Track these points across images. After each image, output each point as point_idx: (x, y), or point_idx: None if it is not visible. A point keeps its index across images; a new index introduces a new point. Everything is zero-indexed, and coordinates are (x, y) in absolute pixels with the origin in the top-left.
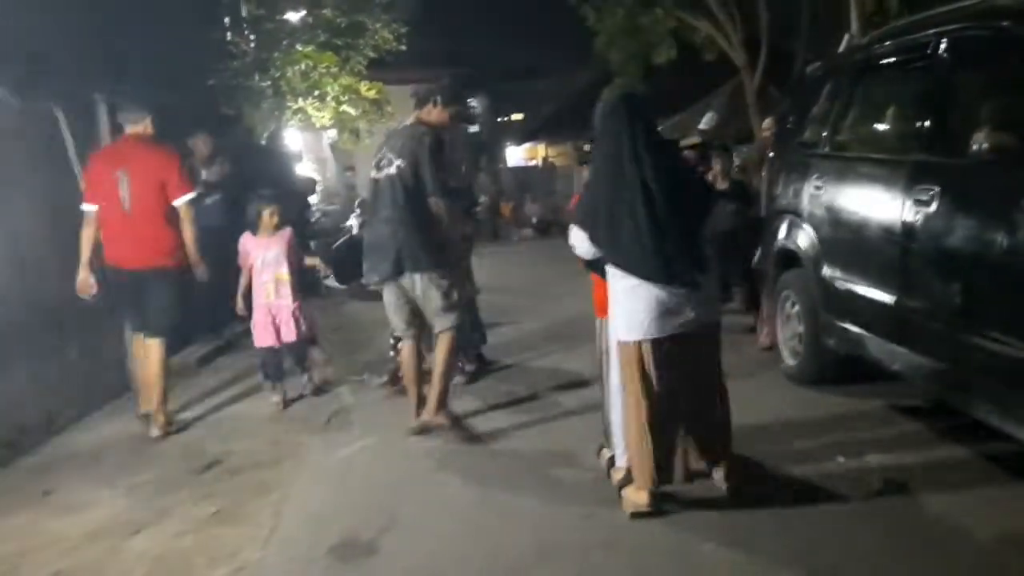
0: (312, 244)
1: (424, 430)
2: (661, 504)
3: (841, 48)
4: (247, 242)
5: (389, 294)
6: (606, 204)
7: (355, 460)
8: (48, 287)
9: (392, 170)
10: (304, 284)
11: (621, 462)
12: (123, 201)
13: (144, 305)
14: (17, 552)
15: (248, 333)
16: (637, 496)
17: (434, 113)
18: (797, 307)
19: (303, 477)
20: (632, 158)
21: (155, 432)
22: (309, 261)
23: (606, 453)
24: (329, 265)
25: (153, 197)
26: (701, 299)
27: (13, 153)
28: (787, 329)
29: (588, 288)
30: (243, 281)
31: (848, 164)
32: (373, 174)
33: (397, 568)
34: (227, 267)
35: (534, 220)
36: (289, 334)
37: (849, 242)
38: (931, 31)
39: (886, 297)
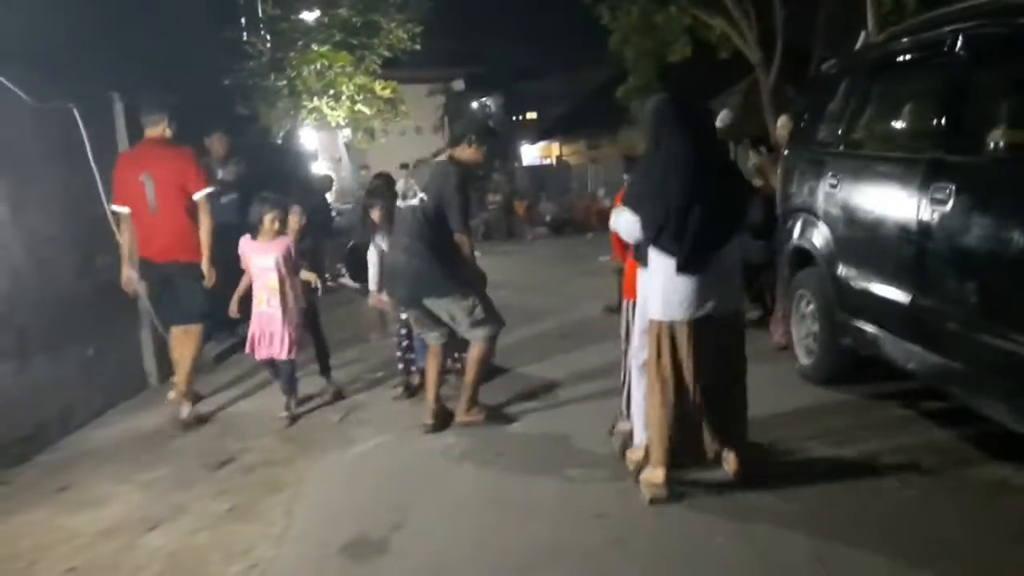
0: (328, 243)
1: (437, 429)
2: (676, 488)
3: (857, 46)
4: (245, 245)
5: (413, 312)
6: (662, 197)
7: (368, 458)
8: (66, 285)
9: (415, 201)
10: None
11: (640, 439)
12: (150, 202)
13: (177, 297)
14: (33, 548)
15: None
16: (654, 476)
17: (468, 152)
18: (812, 306)
19: (316, 475)
20: (694, 159)
21: (183, 413)
22: (305, 276)
23: (623, 427)
24: (343, 265)
25: (175, 197)
26: (729, 288)
27: (30, 152)
28: (802, 328)
29: (602, 287)
30: (243, 283)
31: (863, 162)
32: (399, 202)
33: (408, 566)
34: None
35: (548, 219)
36: (277, 350)
37: (864, 241)
38: (947, 28)
39: (901, 296)
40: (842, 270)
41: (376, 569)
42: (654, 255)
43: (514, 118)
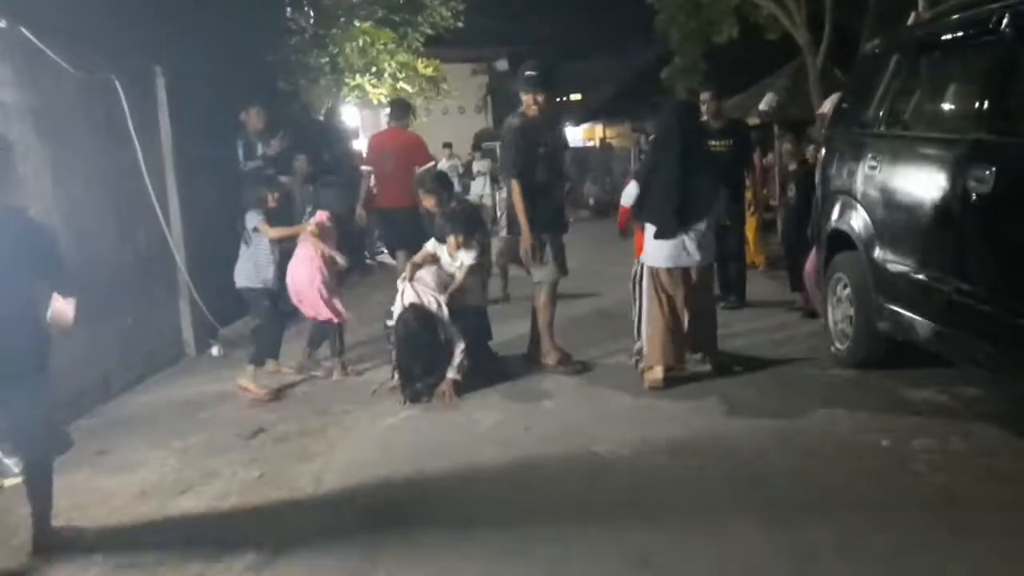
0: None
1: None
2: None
3: (908, 24)
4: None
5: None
6: (656, 182)
7: (398, 430)
8: (106, 255)
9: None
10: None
11: (646, 353)
12: (386, 167)
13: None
14: (71, 507)
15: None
16: (654, 373)
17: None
18: (848, 289)
19: (346, 445)
20: (679, 155)
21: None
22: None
23: (637, 347)
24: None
25: (404, 165)
26: (703, 249)
27: (72, 123)
28: (837, 311)
29: None
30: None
31: (904, 143)
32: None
33: (431, 536)
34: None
35: (591, 202)
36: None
37: (903, 224)
38: (994, 6)
39: (940, 280)
40: (880, 253)
41: (399, 538)
42: (648, 223)
43: (558, 99)
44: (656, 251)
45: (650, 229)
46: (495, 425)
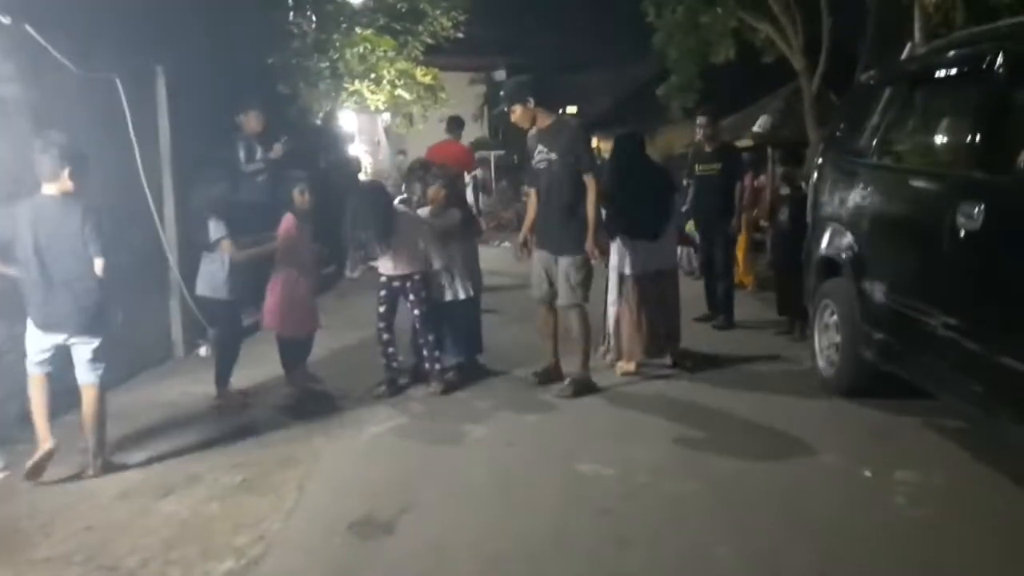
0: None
1: (547, 379)
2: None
3: (903, 57)
4: (292, 223)
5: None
6: (618, 196)
7: (383, 439)
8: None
9: (543, 164)
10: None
11: (612, 352)
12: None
13: None
14: (53, 506)
15: None
16: (628, 366)
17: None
18: (835, 316)
19: (331, 452)
20: (633, 172)
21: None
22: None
23: (603, 350)
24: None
25: (458, 171)
26: (664, 257)
27: (72, 120)
28: (824, 338)
29: None
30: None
31: (895, 175)
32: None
33: (412, 548)
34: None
35: None
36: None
37: (891, 254)
38: (988, 45)
39: (926, 312)
40: (868, 282)
41: (380, 548)
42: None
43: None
44: (622, 259)
45: (616, 240)
46: (479, 439)
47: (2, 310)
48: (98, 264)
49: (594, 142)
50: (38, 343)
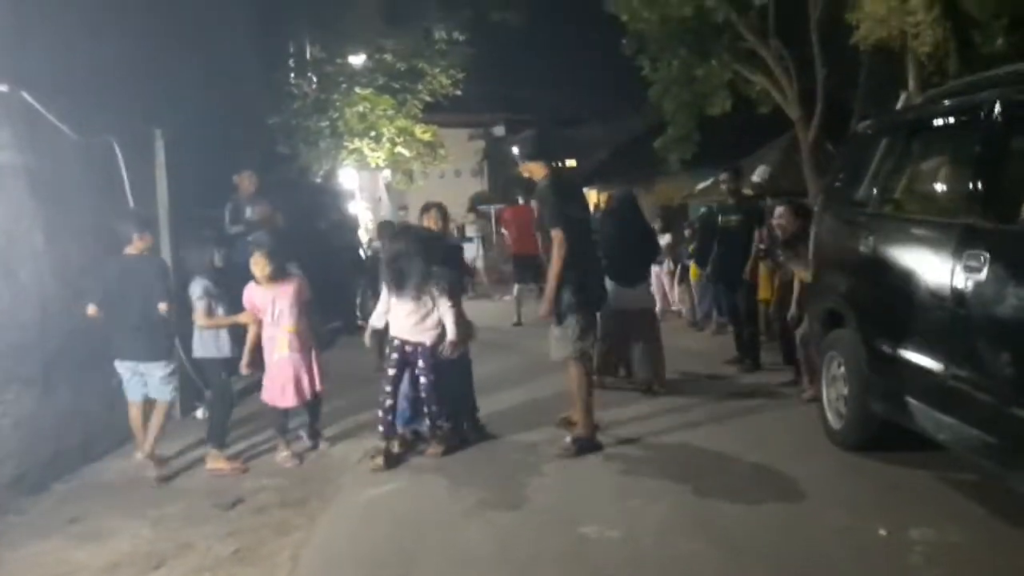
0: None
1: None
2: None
3: (898, 106)
4: (253, 292)
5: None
6: (610, 247)
7: (381, 503)
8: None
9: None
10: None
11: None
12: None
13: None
14: None
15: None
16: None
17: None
18: (843, 368)
19: (327, 518)
20: (625, 227)
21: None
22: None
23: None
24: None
25: (530, 227)
26: (643, 292)
27: (68, 183)
28: (832, 390)
29: None
30: (252, 335)
31: (897, 224)
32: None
33: None
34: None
35: None
36: (306, 394)
37: (896, 305)
38: (985, 93)
39: (934, 364)
40: (874, 333)
41: None
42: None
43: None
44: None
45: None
46: (479, 502)
47: None
48: (162, 307)
49: (593, 195)
50: (123, 372)
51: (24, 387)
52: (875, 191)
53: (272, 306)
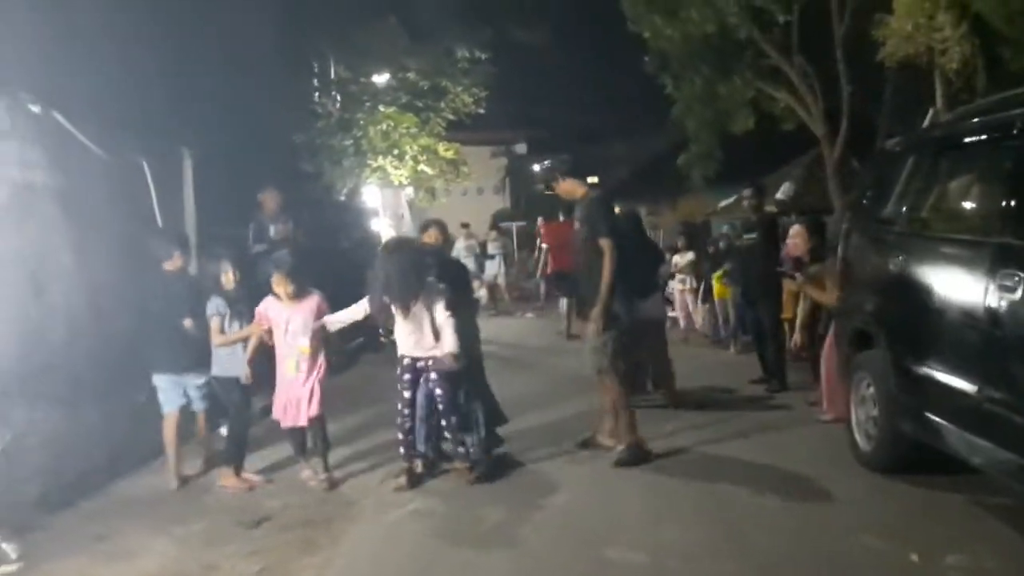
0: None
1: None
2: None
3: (925, 123)
4: (269, 306)
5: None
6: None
7: (403, 524)
8: (123, 332)
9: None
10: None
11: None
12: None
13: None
14: None
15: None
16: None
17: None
18: (872, 389)
19: (351, 538)
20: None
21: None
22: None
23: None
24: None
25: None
26: (656, 303)
27: (98, 202)
28: (861, 411)
29: None
30: (252, 346)
31: (928, 243)
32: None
33: None
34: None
35: None
36: (305, 414)
37: (928, 325)
38: (1018, 110)
39: (968, 386)
40: (904, 354)
41: None
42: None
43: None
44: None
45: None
46: (502, 522)
47: (24, 390)
48: (187, 323)
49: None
50: (163, 384)
51: (52, 405)
52: (904, 209)
53: (287, 323)
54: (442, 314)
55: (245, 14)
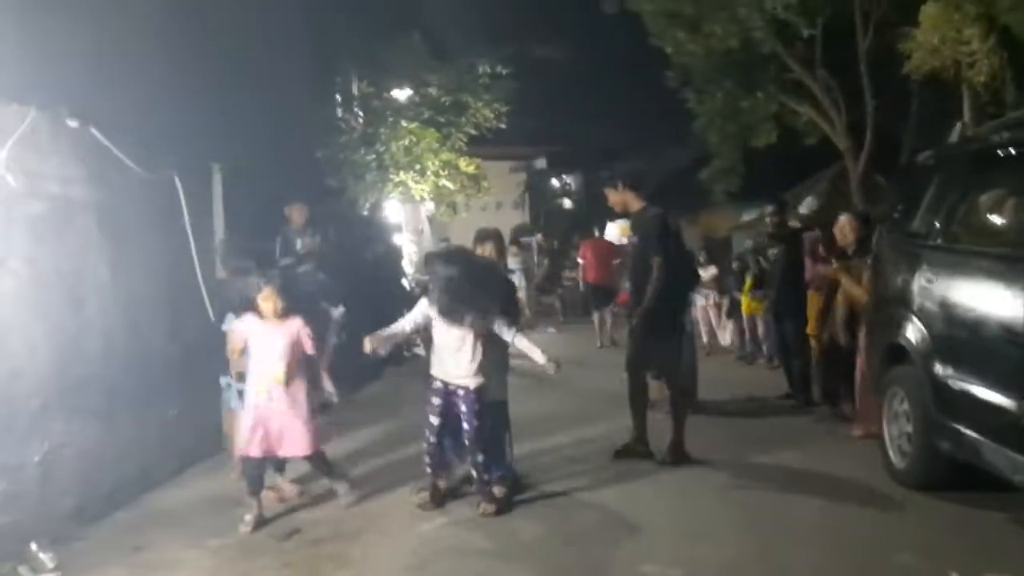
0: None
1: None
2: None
3: (953, 137)
4: (248, 324)
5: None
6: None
7: (435, 539)
8: (156, 346)
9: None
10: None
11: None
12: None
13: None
14: None
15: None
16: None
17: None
18: (906, 405)
19: (381, 552)
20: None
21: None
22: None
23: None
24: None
25: (607, 257)
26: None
27: (132, 217)
28: (895, 427)
29: None
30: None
31: (963, 257)
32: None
33: None
34: (318, 335)
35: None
36: (292, 447)
37: (964, 340)
38: None
39: (1006, 401)
40: (939, 369)
41: None
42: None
43: (596, 194)
44: None
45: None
46: (534, 539)
47: (62, 403)
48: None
49: (624, 227)
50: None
51: (88, 418)
52: (938, 223)
53: (265, 344)
54: (513, 333)
55: (273, 31)
